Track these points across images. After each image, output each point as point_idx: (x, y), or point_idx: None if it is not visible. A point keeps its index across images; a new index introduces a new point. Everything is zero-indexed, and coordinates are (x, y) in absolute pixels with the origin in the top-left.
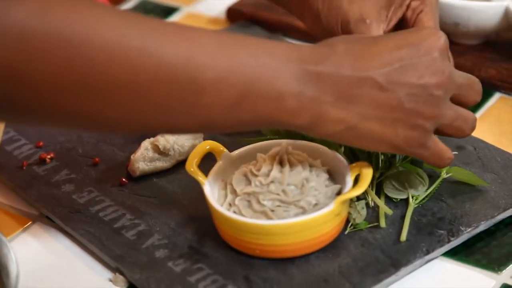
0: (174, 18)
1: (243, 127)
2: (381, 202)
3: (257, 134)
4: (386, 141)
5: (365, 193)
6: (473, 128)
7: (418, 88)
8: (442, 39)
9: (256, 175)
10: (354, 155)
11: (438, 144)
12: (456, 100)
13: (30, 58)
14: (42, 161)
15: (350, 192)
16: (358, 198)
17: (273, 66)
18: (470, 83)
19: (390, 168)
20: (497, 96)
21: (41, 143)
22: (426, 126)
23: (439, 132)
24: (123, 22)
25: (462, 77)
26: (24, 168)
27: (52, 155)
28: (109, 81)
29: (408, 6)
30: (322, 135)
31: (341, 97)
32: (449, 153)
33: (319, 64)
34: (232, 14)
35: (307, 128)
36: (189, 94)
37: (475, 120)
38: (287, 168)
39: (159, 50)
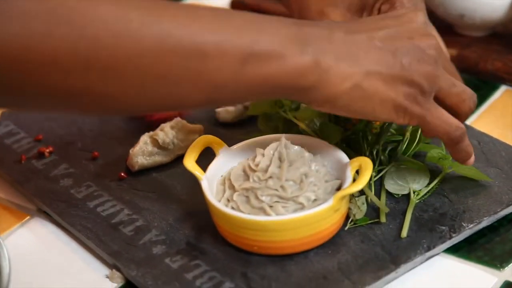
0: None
1: (251, 94)
2: (378, 200)
3: (255, 128)
4: (389, 101)
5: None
6: (474, 103)
7: (410, 46)
8: (420, 14)
9: (254, 170)
10: (354, 150)
11: (440, 109)
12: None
13: (32, 40)
14: (41, 155)
15: (350, 187)
16: (359, 193)
17: (272, 28)
18: (453, 67)
19: (391, 162)
20: (502, 89)
21: (40, 137)
22: (423, 84)
23: (439, 101)
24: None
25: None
26: (23, 162)
27: (51, 149)
28: (113, 57)
29: (379, 10)
30: (329, 98)
31: (341, 55)
32: (457, 121)
33: (313, 27)
34: (236, 6)
35: (315, 89)
36: (193, 61)
37: (474, 94)
38: (285, 163)
39: (159, 21)
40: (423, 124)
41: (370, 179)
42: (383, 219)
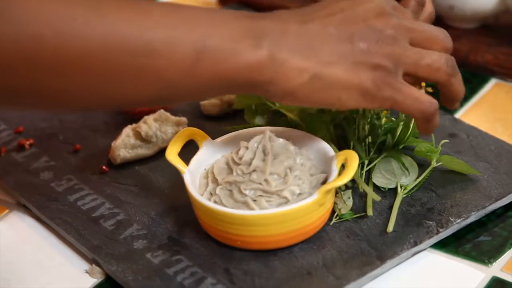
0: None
1: (205, 91)
2: (367, 188)
3: (241, 122)
4: (353, 87)
5: (351, 182)
6: (452, 67)
7: (366, 29)
8: None
9: (238, 164)
10: (340, 143)
11: (410, 87)
12: (421, 46)
13: None
14: (21, 147)
15: (335, 181)
16: (345, 187)
17: (224, 22)
18: (427, 28)
19: (378, 156)
20: (492, 82)
21: (21, 129)
22: (386, 65)
23: (411, 76)
24: None
25: (415, 22)
26: (2, 154)
27: (31, 141)
28: (57, 56)
29: None
30: (288, 91)
31: (296, 47)
32: (429, 97)
33: (266, 20)
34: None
35: (272, 84)
36: (142, 58)
37: (450, 58)
38: (270, 156)
39: (103, 17)
40: (396, 105)
41: (358, 172)
42: (369, 212)
